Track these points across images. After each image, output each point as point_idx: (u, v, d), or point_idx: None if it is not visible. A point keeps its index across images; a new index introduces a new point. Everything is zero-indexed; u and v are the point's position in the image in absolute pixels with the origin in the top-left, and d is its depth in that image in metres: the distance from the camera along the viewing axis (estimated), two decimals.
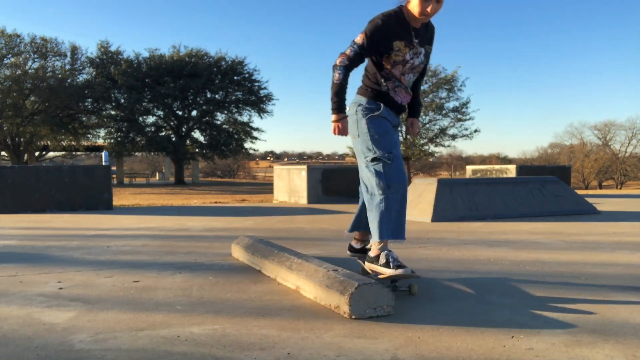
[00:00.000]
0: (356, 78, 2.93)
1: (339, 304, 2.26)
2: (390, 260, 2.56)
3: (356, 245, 3.10)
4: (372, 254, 2.67)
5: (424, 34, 2.71)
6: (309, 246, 4.24)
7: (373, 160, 2.63)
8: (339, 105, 2.60)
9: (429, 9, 2.52)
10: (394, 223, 2.60)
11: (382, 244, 2.62)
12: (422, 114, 32.50)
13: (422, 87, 32.72)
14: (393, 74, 2.68)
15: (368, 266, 2.69)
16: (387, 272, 2.52)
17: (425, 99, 31.71)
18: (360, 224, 3.00)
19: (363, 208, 2.93)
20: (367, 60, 2.72)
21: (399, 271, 2.49)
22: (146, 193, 24.10)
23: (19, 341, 1.94)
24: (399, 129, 2.87)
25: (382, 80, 2.70)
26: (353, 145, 2.78)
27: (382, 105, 2.68)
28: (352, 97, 2.82)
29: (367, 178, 2.66)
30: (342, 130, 2.63)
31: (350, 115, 2.72)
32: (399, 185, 2.60)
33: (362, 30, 2.60)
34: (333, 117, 2.63)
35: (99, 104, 33.55)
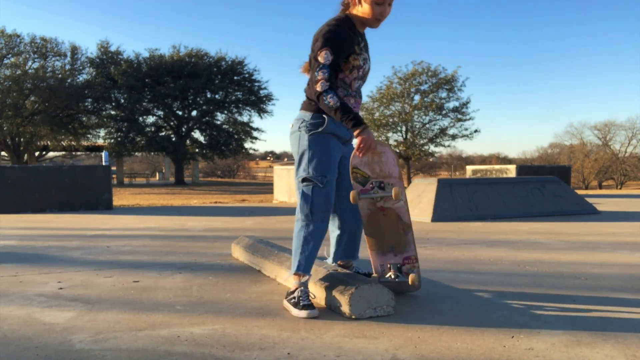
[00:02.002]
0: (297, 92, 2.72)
1: (339, 304, 2.26)
2: (301, 298, 2.32)
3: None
4: (291, 287, 2.43)
5: (365, 39, 2.52)
6: None
7: (303, 180, 2.40)
8: (355, 118, 2.29)
9: (384, 13, 2.37)
10: (311, 258, 2.40)
11: (300, 277, 2.39)
12: (422, 114, 32.51)
13: (422, 87, 32.75)
14: (345, 81, 2.42)
15: (284, 303, 2.44)
16: (293, 312, 2.31)
17: (425, 99, 31.73)
18: (338, 252, 2.72)
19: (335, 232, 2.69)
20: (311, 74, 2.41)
21: (302, 313, 2.26)
22: (146, 193, 24.10)
23: (19, 341, 1.94)
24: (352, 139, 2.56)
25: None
26: (295, 159, 2.48)
27: (326, 118, 2.39)
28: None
29: (299, 198, 2.43)
30: (371, 142, 2.32)
31: (293, 132, 2.46)
32: (323, 215, 2.39)
33: (319, 46, 2.32)
34: (356, 132, 2.30)
35: (99, 104, 33.53)
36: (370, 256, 2.55)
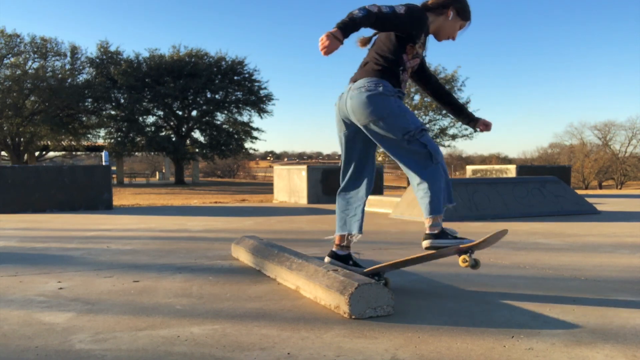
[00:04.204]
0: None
1: (339, 304, 2.26)
2: (449, 232, 2.53)
3: (340, 252, 2.78)
4: (433, 230, 2.52)
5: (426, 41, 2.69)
6: (309, 246, 4.24)
7: (422, 130, 2.50)
8: (345, 26, 2.29)
9: (455, 37, 2.70)
10: (448, 190, 2.59)
11: (439, 218, 2.53)
12: (422, 113, 32.50)
13: None
14: (405, 64, 2.57)
15: (427, 244, 2.53)
16: (452, 242, 2.48)
17: (425, 99, 31.72)
18: (345, 225, 2.81)
19: (345, 207, 2.86)
20: (382, 45, 2.56)
21: (454, 242, 2.48)
22: (146, 193, 24.09)
23: (19, 341, 1.94)
24: None
25: (400, 69, 2.57)
26: (376, 127, 2.49)
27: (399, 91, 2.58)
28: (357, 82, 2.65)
29: (414, 152, 2.51)
30: (329, 47, 2.27)
31: (372, 91, 2.49)
32: (441, 154, 2.59)
33: (403, 3, 2.48)
34: (331, 31, 2.29)
35: (99, 104, 33.53)
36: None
